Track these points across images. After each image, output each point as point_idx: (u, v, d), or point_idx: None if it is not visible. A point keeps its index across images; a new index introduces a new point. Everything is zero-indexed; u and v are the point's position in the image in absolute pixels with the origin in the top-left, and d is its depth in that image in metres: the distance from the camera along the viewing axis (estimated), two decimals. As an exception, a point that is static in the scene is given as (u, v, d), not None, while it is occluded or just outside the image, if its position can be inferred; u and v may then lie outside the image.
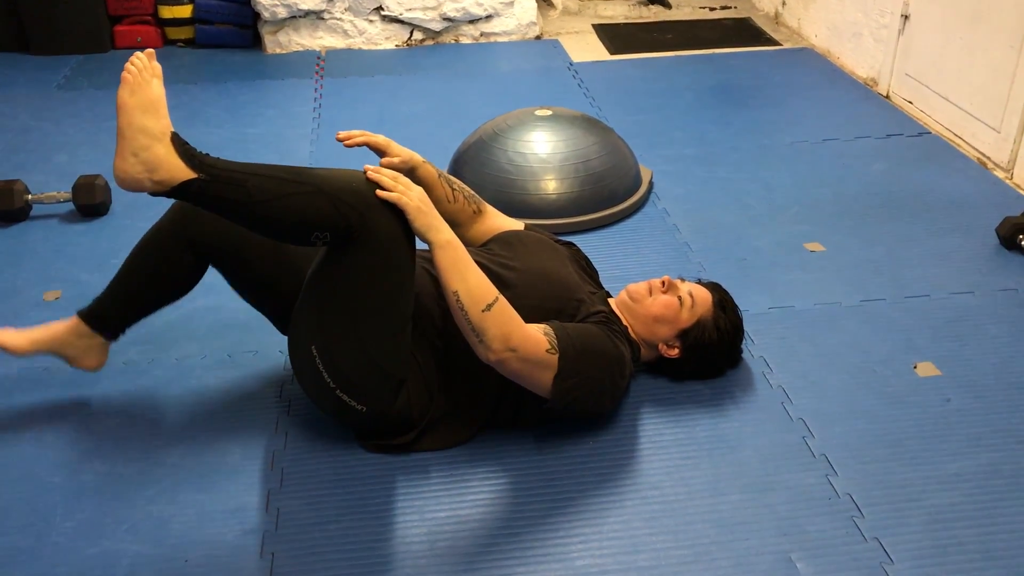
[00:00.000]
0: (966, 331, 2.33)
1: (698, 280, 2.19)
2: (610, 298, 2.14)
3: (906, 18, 3.73)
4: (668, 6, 5.21)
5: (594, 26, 4.96)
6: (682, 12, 5.16)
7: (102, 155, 3.38)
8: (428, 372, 1.93)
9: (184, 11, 4.55)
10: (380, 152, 1.99)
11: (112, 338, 2.07)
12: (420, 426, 1.94)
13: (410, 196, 1.77)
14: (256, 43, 4.66)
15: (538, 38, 4.77)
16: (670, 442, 1.98)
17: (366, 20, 4.58)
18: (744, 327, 2.17)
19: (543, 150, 2.88)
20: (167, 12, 4.55)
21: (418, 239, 1.81)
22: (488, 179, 2.83)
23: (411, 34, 4.66)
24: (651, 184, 3.09)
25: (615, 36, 4.78)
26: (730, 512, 1.80)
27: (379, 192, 1.75)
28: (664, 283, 2.07)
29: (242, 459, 1.95)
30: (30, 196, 2.94)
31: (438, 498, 1.84)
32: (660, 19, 5.07)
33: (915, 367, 2.21)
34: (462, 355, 1.88)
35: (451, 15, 4.60)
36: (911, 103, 3.72)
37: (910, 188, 3.08)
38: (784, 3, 4.87)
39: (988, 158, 3.26)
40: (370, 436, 1.96)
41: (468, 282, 1.78)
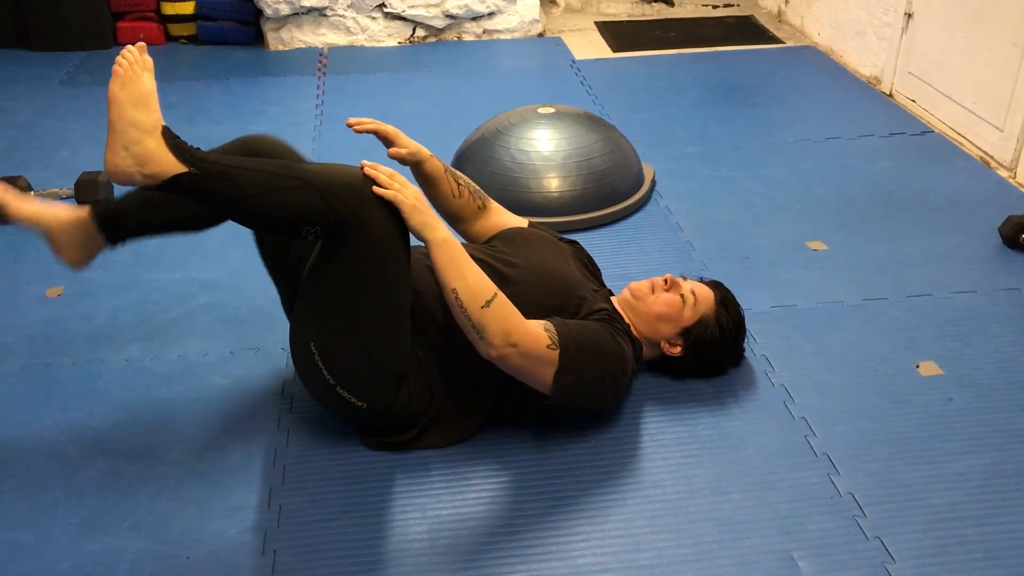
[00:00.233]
0: (968, 330, 2.33)
1: (700, 278, 2.19)
2: (612, 296, 2.14)
3: (909, 16, 3.72)
4: (671, 4, 5.21)
5: (597, 24, 4.96)
6: (685, 10, 5.15)
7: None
8: (429, 369, 1.93)
9: (187, 7, 4.55)
10: (388, 142, 1.99)
11: (111, 243, 1.99)
12: (421, 423, 1.94)
13: (406, 194, 1.77)
14: (259, 40, 4.66)
15: (541, 35, 4.77)
16: (672, 440, 1.98)
17: (369, 17, 4.58)
18: (746, 325, 2.17)
19: (546, 148, 2.88)
20: (170, 8, 4.55)
21: (414, 237, 1.81)
22: (490, 177, 2.83)
23: (414, 31, 4.66)
24: (653, 182, 3.09)
25: (618, 34, 4.77)
26: (732, 511, 1.80)
27: (375, 189, 1.75)
28: (667, 281, 2.07)
29: (244, 456, 1.95)
30: (33, 192, 2.94)
31: (440, 496, 1.84)
32: (663, 17, 5.07)
33: (917, 366, 2.20)
34: (463, 352, 1.88)
35: (454, 12, 4.60)
36: (914, 101, 3.72)
37: (913, 187, 3.07)
38: (787, 1, 4.86)
39: (991, 157, 3.25)
40: (372, 433, 1.97)
41: (466, 279, 1.78)
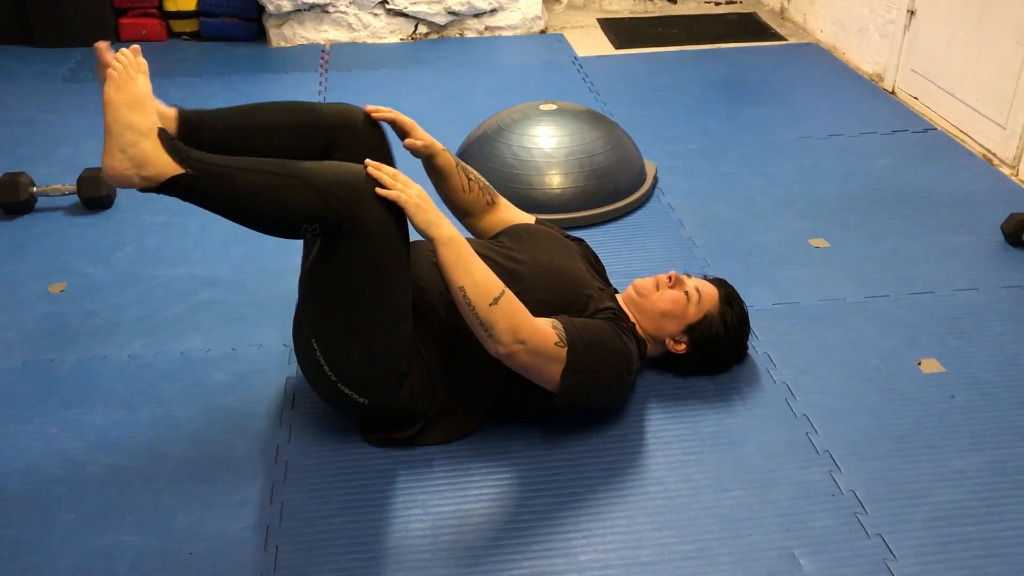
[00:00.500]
0: (970, 328, 2.33)
1: (704, 276, 2.19)
2: (617, 295, 2.14)
3: (912, 13, 3.72)
4: (673, 0, 5.20)
5: (599, 20, 4.95)
6: (687, 7, 5.15)
7: (107, 148, 3.38)
8: (432, 365, 1.93)
9: (189, 4, 4.55)
10: (403, 132, 2.00)
11: (181, 139, 1.81)
12: (424, 420, 1.94)
13: (409, 194, 1.77)
14: (261, 36, 4.66)
15: (543, 32, 4.76)
16: (673, 437, 1.98)
17: (371, 14, 4.58)
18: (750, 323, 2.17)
19: (548, 144, 2.88)
20: (172, 5, 4.55)
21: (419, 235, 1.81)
22: (492, 173, 2.82)
23: (416, 28, 4.66)
24: (656, 179, 3.09)
25: (620, 30, 4.77)
26: (733, 508, 1.80)
27: (378, 190, 1.75)
28: (671, 278, 2.06)
29: (246, 452, 1.96)
30: (35, 188, 2.94)
31: (442, 492, 1.84)
32: (665, 14, 5.06)
33: (919, 364, 2.20)
34: (466, 348, 1.88)
35: (456, 9, 4.60)
36: (917, 99, 3.71)
37: (915, 184, 3.07)
38: (790, -2, 4.86)
39: (994, 154, 3.25)
40: (374, 429, 1.97)
41: (474, 277, 1.78)
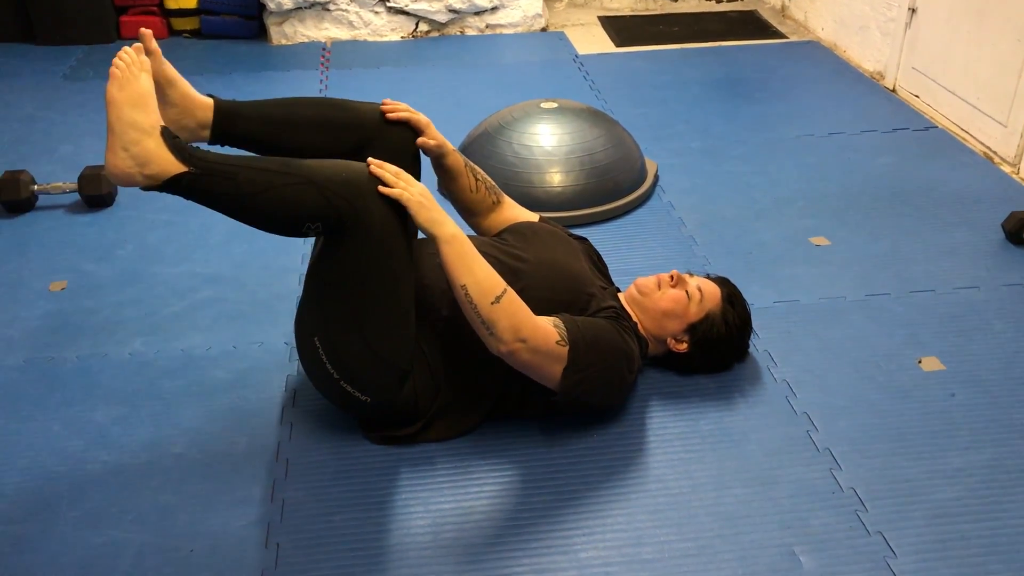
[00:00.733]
0: (971, 326, 2.33)
1: (707, 275, 2.19)
2: (619, 293, 2.14)
3: (913, 11, 3.72)
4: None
5: (600, 18, 4.95)
6: (688, 4, 5.14)
7: (108, 146, 3.38)
8: (434, 363, 1.93)
9: (190, 1, 4.54)
10: (418, 131, 2.01)
11: (214, 136, 1.96)
12: (426, 417, 1.94)
13: (411, 192, 1.77)
14: (262, 34, 4.66)
15: (544, 30, 4.76)
16: (674, 435, 1.98)
17: (372, 11, 4.58)
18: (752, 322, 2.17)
19: (548, 143, 2.88)
20: (173, 2, 4.55)
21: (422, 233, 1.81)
22: (493, 171, 2.82)
23: (416, 26, 4.66)
24: (656, 177, 3.09)
25: (621, 28, 4.77)
26: (734, 506, 1.81)
27: (381, 189, 1.75)
28: (673, 277, 2.06)
29: (247, 450, 1.96)
30: (36, 186, 2.94)
31: (443, 490, 1.84)
32: (666, 11, 5.06)
33: (919, 362, 2.20)
34: (468, 346, 1.88)
35: (457, 7, 4.60)
36: (918, 97, 3.71)
37: (916, 182, 3.07)
38: (791, -4, 4.85)
39: (994, 153, 3.25)
40: (376, 427, 1.97)
41: (476, 275, 1.78)
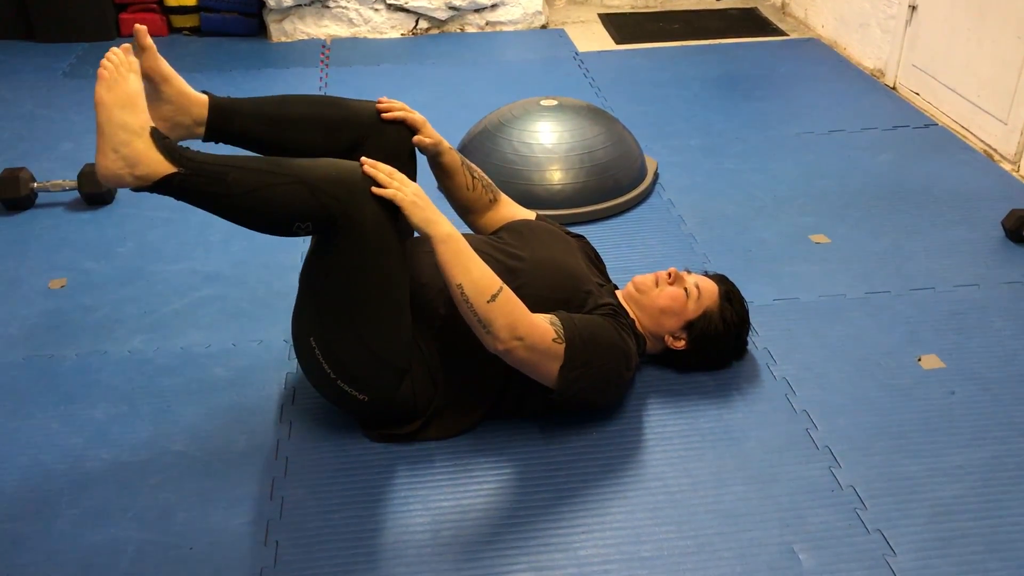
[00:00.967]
0: (971, 324, 2.33)
1: (704, 272, 2.19)
2: (617, 291, 2.14)
3: (913, 9, 3.71)
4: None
5: (600, 15, 4.95)
6: (689, 2, 5.14)
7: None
8: (432, 361, 1.93)
9: (189, -1, 4.55)
10: (414, 129, 2.01)
11: (208, 132, 1.93)
12: (424, 416, 1.94)
13: (405, 192, 1.77)
14: (261, 31, 4.66)
15: (544, 27, 4.76)
16: (674, 433, 1.98)
17: (371, 9, 4.57)
18: (750, 319, 2.16)
19: (548, 140, 2.88)
20: (172, 0, 4.55)
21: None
22: (493, 169, 2.82)
23: (416, 23, 4.65)
24: (656, 175, 3.09)
25: (621, 25, 4.76)
26: (733, 503, 1.81)
27: (374, 189, 1.75)
28: (671, 275, 2.06)
29: (247, 448, 1.96)
30: (36, 184, 2.94)
31: (442, 488, 1.84)
32: (666, 9, 5.05)
33: (919, 359, 2.20)
34: (467, 344, 1.88)
35: (457, 4, 4.59)
36: (918, 94, 3.71)
37: (916, 180, 3.07)
38: (791, -7, 4.85)
39: (995, 150, 3.25)
40: (374, 425, 1.97)
41: (471, 274, 1.78)
